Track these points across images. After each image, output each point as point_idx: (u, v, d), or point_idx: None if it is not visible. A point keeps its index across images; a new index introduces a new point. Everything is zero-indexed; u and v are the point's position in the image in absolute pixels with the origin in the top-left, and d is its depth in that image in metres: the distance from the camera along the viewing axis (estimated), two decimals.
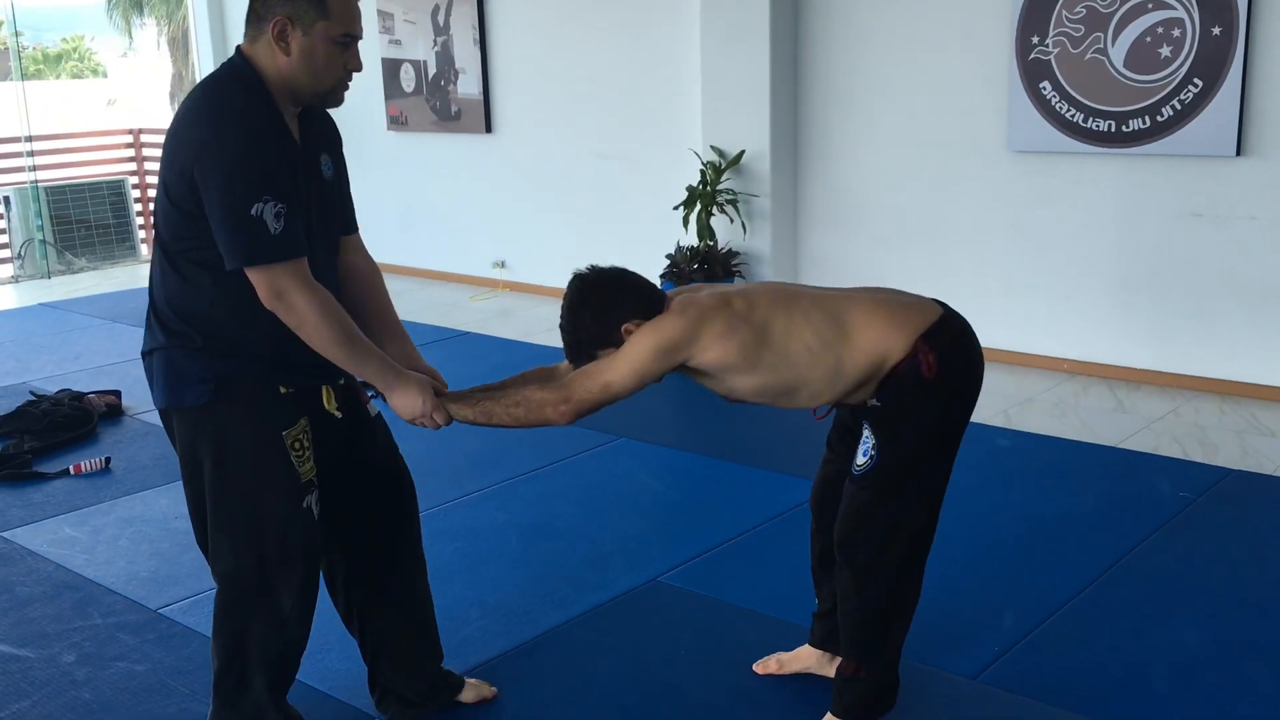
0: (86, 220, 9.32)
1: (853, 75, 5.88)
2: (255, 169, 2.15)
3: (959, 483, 4.17)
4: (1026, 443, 4.59)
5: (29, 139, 9.13)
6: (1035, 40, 5.28)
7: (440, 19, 7.50)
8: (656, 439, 4.70)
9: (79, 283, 8.56)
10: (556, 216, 7.31)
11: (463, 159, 7.75)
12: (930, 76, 5.66)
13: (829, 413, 2.66)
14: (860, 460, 2.49)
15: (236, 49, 2.28)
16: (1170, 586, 3.37)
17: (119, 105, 29.32)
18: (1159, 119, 5.02)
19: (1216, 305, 5.09)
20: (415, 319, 6.60)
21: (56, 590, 3.51)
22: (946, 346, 2.43)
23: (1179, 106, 4.95)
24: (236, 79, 2.24)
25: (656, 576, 3.49)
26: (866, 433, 2.48)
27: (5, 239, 9.19)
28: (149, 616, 3.32)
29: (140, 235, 9.80)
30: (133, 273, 8.95)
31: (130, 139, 10.14)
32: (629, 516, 3.96)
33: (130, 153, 10.08)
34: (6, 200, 9.06)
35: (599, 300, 2.46)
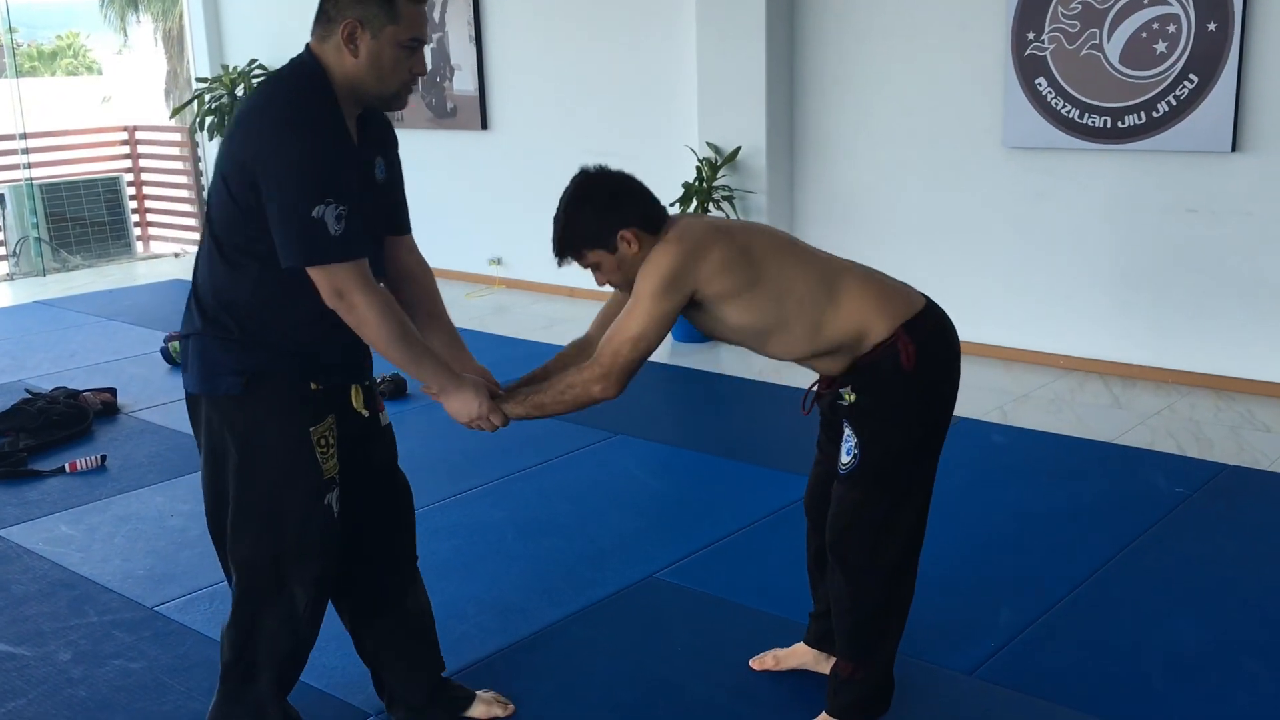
0: (82, 218, 9.31)
1: (848, 71, 5.88)
2: (319, 171, 2.16)
3: (955, 479, 4.20)
4: (1022, 439, 4.60)
5: (24, 136, 9.11)
6: (1031, 36, 5.28)
7: (435, 15, 7.49)
8: (653, 436, 4.70)
9: (74, 280, 8.54)
10: (552, 213, 7.30)
11: (459, 156, 7.74)
12: (926, 73, 5.66)
13: (813, 405, 2.65)
14: (844, 459, 2.48)
15: (305, 47, 2.29)
16: (1166, 582, 3.37)
17: (114, 102, 29.27)
18: (1154, 115, 5.02)
19: (1212, 301, 5.09)
20: None
21: (52, 588, 3.50)
22: (927, 338, 2.43)
23: (1174, 102, 4.96)
24: (305, 77, 2.24)
25: (653, 573, 3.49)
26: (848, 431, 2.48)
27: (0, 237, 9.17)
28: (145, 614, 3.32)
29: (135, 233, 9.79)
30: (128, 270, 8.94)
31: (125, 136, 10.12)
32: (625, 513, 3.96)
33: (125, 150, 10.06)
34: (1, 198, 9.05)
35: (602, 199, 2.44)
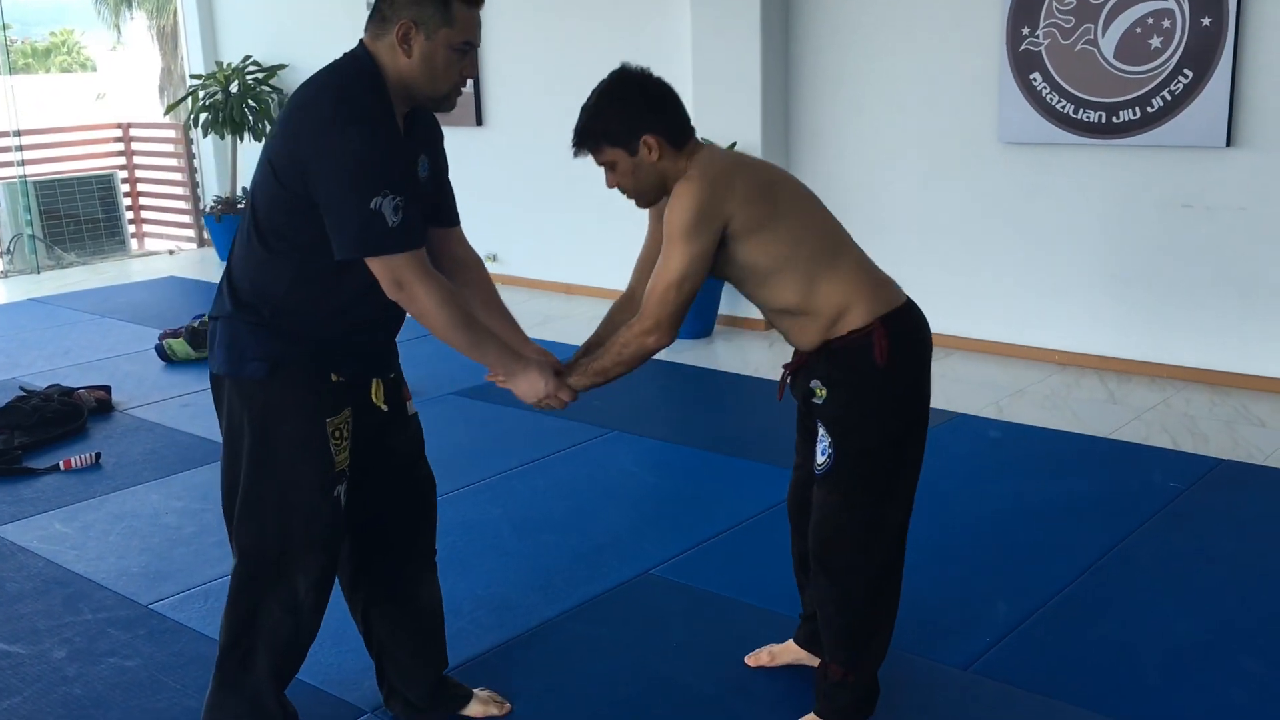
0: (76, 215, 9.29)
1: (844, 67, 5.88)
2: (375, 163, 2.18)
3: (951, 474, 4.21)
4: (1018, 434, 4.60)
5: (18, 133, 9.09)
6: (1025, 31, 5.28)
7: None
8: (648, 432, 4.70)
9: (68, 278, 8.53)
10: (548, 209, 7.30)
11: (454, 152, 7.61)
12: (921, 68, 5.66)
13: (785, 392, 2.65)
14: (819, 460, 2.48)
15: (360, 42, 2.32)
16: (1161, 576, 3.38)
17: (108, 99, 29.24)
18: (1149, 110, 5.02)
19: (1207, 296, 5.10)
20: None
21: (47, 586, 3.50)
22: (903, 335, 2.43)
23: (1169, 97, 4.96)
24: (361, 73, 2.27)
25: (649, 569, 3.49)
26: (822, 431, 2.48)
27: None
28: (140, 612, 3.31)
29: (130, 230, 9.77)
30: (122, 267, 8.93)
31: (119, 133, 10.10)
32: (621, 509, 3.96)
33: (120, 147, 10.04)
34: None
35: (636, 99, 2.41)
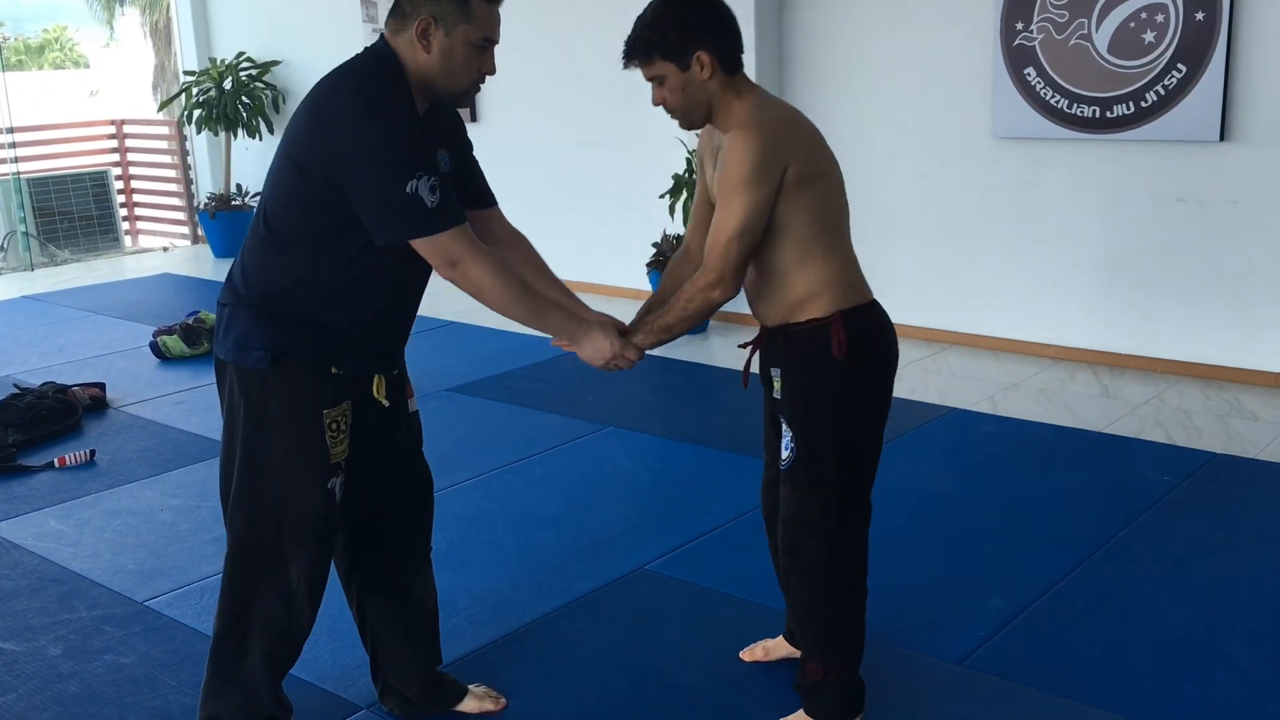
0: (69, 212, 9.26)
1: (837, 62, 5.88)
2: (406, 148, 2.21)
3: (945, 469, 4.21)
4: (1012, 428, 4.61)
5: (11, 130, 9.06)
6: (1019, 26, 5.29)
7: None
8: (643, 428, 4.71)
9: (62, 275, 8.51)
10: (542, 205, 7.29)
11: None
12: (915, 63, 5.66)
13: (748, 375, 2.67)
14: (784, 455, 2.49)
15: (380, 36, 2.33)
16: (1154, 570, 3.38)
17: (101, 96, 29.17)
18: (1143, 104, 5.03)
19: (1200, 290, 5.11)
20: None
21: (42, 583, 3.49)
22: (862, 332, 2.43)
23: (1163, 92, 4.97)
24: (382, 67, 2.29)
25: (643, 565, 3.49)
26: (785, 426, 2.49)
27: None
28: (135, 609, 3.31)
29: (124, 227, 9.75)
30: (116, 265, 8.91)
31: (113, 130, 10.07)
32: (616, 505, 3.96)
33: (113, 144, 10.01)
34: None
35: (693, 13, 2.39)
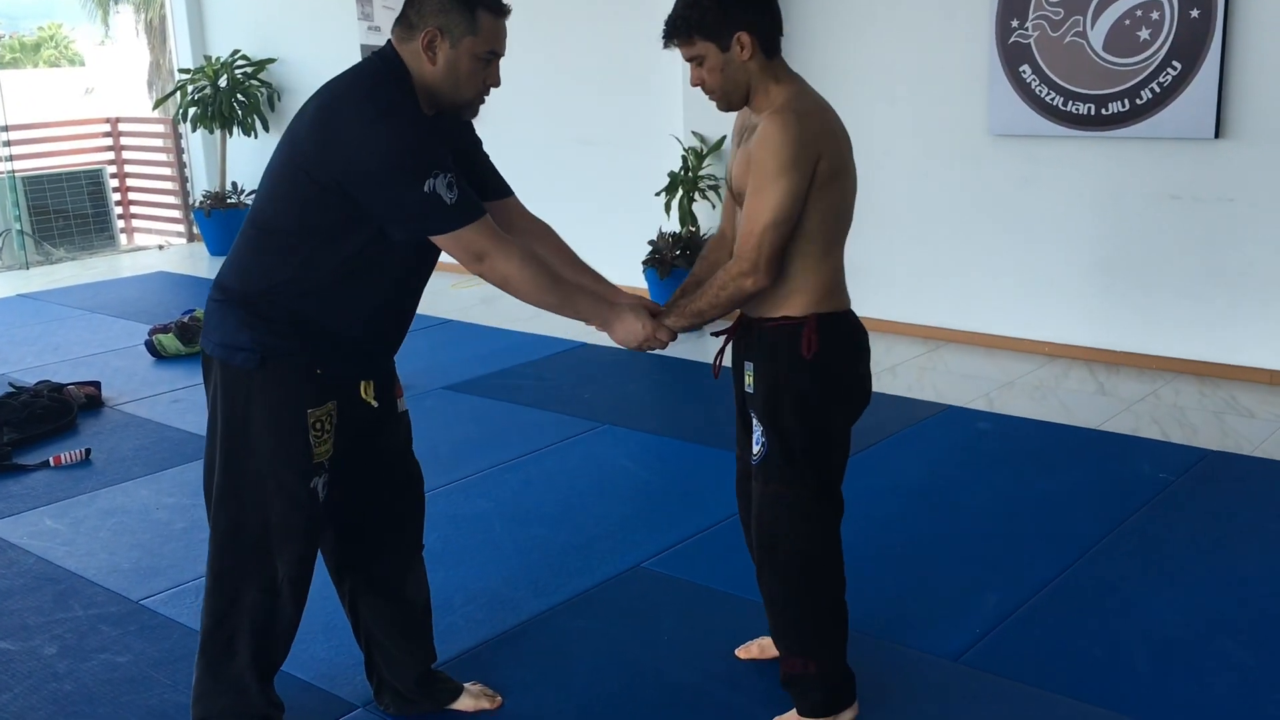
0: (64, 210, 9.25)
1: (833, 60, 5.88)
2: (419, 148, 2.22)
3: (941, 466, 4.22)
4: (1008, 426, 4.61)
5: (5, 128, 9.04)
6: (1015, 24, 5.29)
7: None
8: (640, 425, 4.70)
9: (57, 273, 8.50)
10: (538, 203, 7.20)
11: None
12: (911, 60, 5.66)
13: (719, 366, 2.66)
14: (754, 450, 2.50)
15: (388, 43, 2.34)
16: (1150, 567, 3.39)
17: (97, 94, 29.13)
18: (1138, 102, 5.03)
19: (1195, 287, 5.11)
20: None
21: (37, 582, 3.49)
22: (833, 335, 2.44)
23: (1158, 89, 4.97)
24: (389, 72, 2.30)
25: (640, 562, 3.49)
26: (755, 421, 2.50)
27: None
28: (130, 608, 3.31)
29: (119, 225, 9.73)
30: (112, 263, 8.90)
31: (108, 128, 10.05)
32: (612, 503, 3.96)
33: (109, 142, 9.99)
34: None
35: None
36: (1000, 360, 5.48)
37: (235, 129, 8.37)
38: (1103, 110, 5.13)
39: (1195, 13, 4.82)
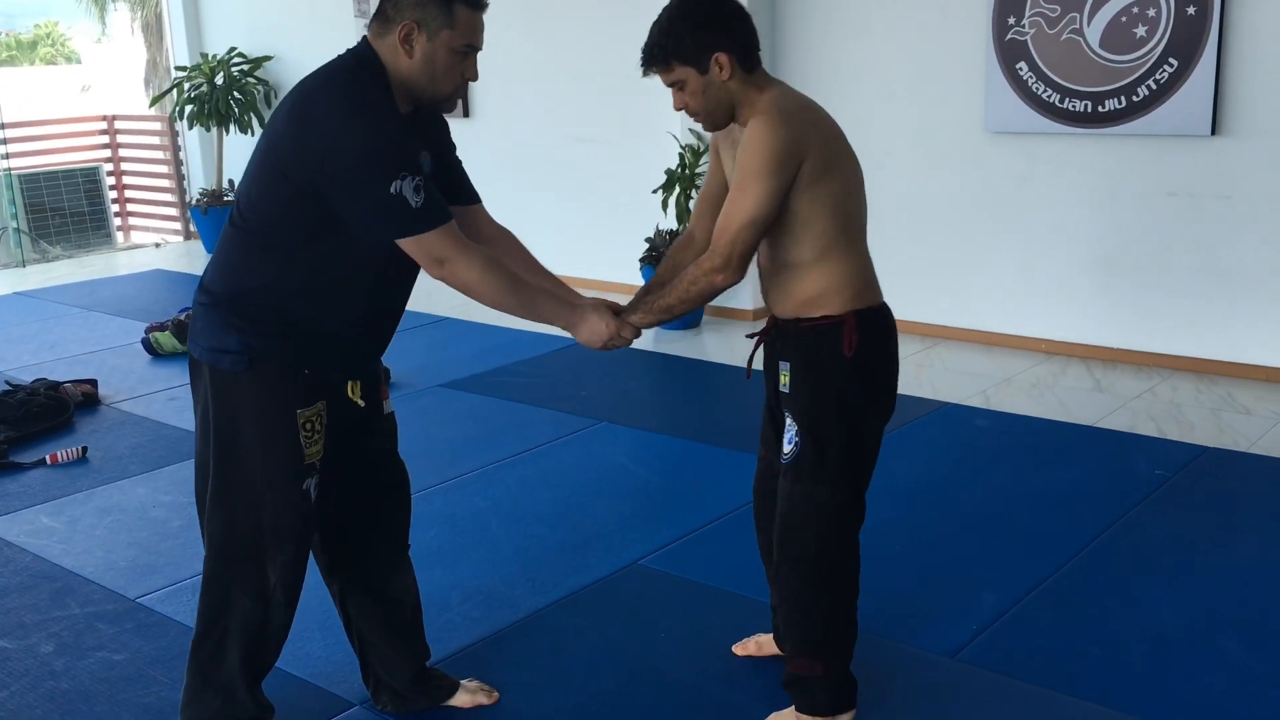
0: (61, 208, 9.24)
1: (830, 57, 5.88)
2: (388, 150, 2.20)
3: (938, 463, 4.22)
4: (1005, 423, 4.62)
5: (2, 126, 9.03)
6: (1011, 21, 5.29)
7: None
8: (636, 423, 4.70)
9: (54, 271, 8.49)
10: (535, 201, 7.28)
11: None
12: (907, 58, 5.66)
13: (751, 367, 2.64)
14: (786, 449, 2.49)
15: (363, 39, 2.32)
16: (1147, 564, 3.39)
17: (93, 91, 29.07)
18: (1134, 99, 5.03)
19: (1192, 284, 5.12)
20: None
21: (34, 580, 3.49)
22: (872, 332, 2.44)
23: (1154, 86, 4.97)
24: (364, 69, 2.28)
25: (636, 560, 3.50)
26: (789, 420, 2.49)
27: None
28: (127, 606, 3.31)
29: (115, 223, 9.72)
30: (108, 261, 8.89)
31: (105, 125, 10.04)
32: (609, 501, 3.96)
33: (105, 139, 9.99)
34: None
35: (708, 16, 2.39)
36: (997, 357, 5.48)
37: (232, 127, 8.36)
38: (1099, 107, 5.13)
39: (1191, 9, 4.83)
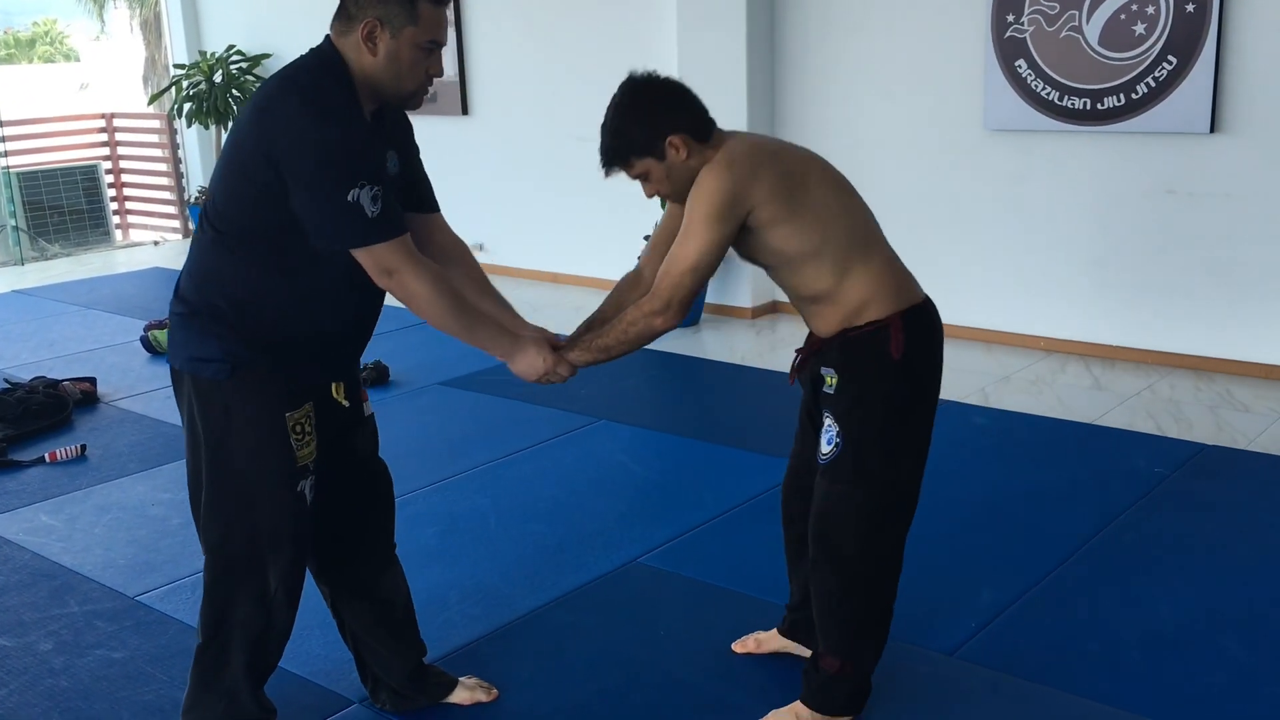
0: (60, 206, 9.24)
1: (829, 55, 5.88)
2: (349, 157, 2.17)
3: (936, 461, 4.18)
4: (1003, 420, 4.62)
5: (0, 124, 9.03)
6: (1010, 19, 5.29)
7: None
8: (635, 421, 4.71)
9: (52, 269, 8.49)
10: (534, 199, 7.29)
11: (439, 142, 7.69)
12: (906, 56, 5.66)
13: (797, 375, 2.65)
14: (825, 449, 2.47)
15: (326, 38, 2.30)
16: (1145, 561, 3.39)
17: (92, 89, 29.03)
18: (1133, 96, 5.03)
19: (1191, 281, 5.12)
20: (393, 303, 6.56)
21: (33, 578, 3.49)
22: (918, 331, 2.43)
23: (1153, 84, 4.97)
24: (327, 69, 2.25)
25: (635, 558, 3.50)
26: (829, 420, 2.47)
27: None
28: (126, 604, 3.31)
29: (114, 221, 9.72)
30: (107, 259, 8.89)
31: (103, 123, 10.04)
32: (608, 498, 3.96)
33: (103, 137, 9.98)
34: None
35: (649, 105, 2.40)
36: (996, 355, 5.48)
37: (230, 124, 8.36)
38: (1098, 105, 5.13)
39: (1191, 7, 4.83)
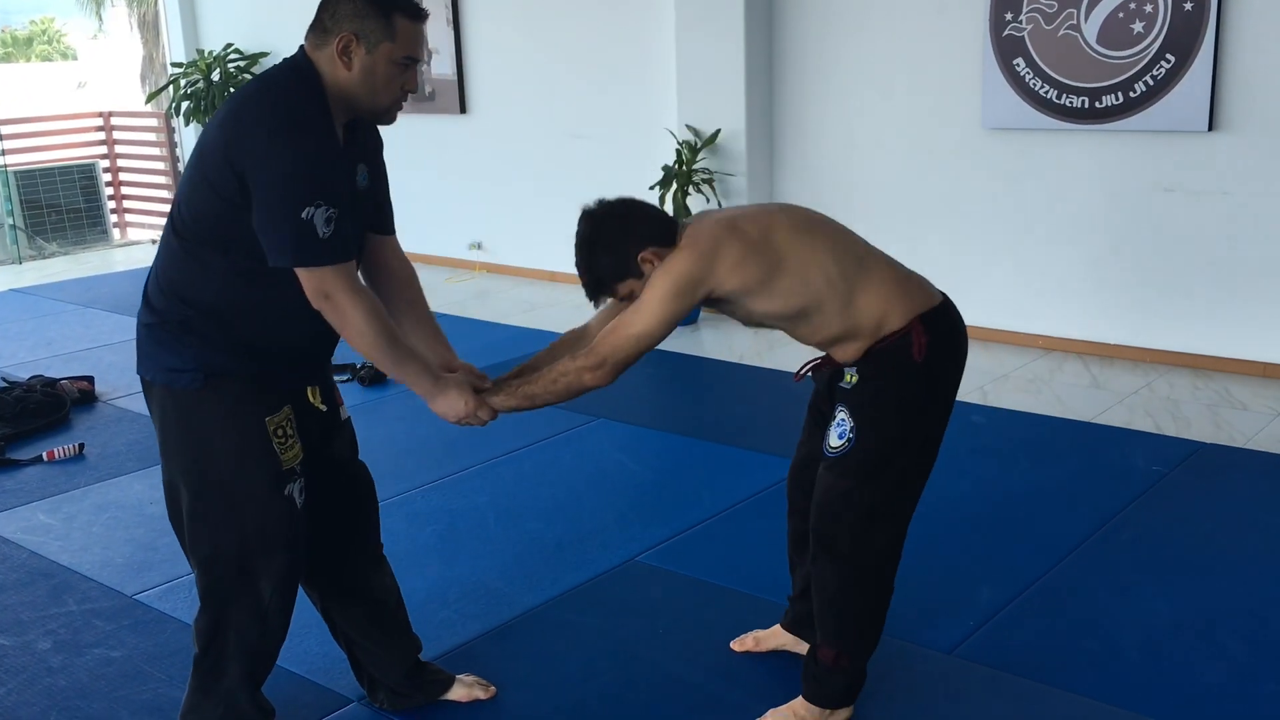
0: (57, 204, 9.23)
1: (828, 53, 5.87)
2: (311, 174, 2.16)
3: (936, 460, 4.21)
4: (1002, 419, 4.62)
5: None
6: (1009, 17, 5.29)
7: None
8: (634, 419, 4.71)
9: (50, 268, 8.48)
10: (532, 197, 7.29)
11: (437, 140, 7.70)
12: (905, 54, 5.66)
13: (806, 375, 2.64)
14: (835, 442, 2.46)
15: (300, 49, 2.28)
16: (1143, 560, 3.40)
17: (89, 88, 29.01)
18: (1132, 95, 5.03)
19: (1189, 280, 5.12)
20: None
21: (31, 577, 3.49)
22: (940, 333, 2.43)
23: (1151, 82, 4.97)
24: (300, 81, 2.23)
25: (634, 556, 3.50)
26: (843, 414, 2.45)
27: None
28: (125, 602, 3.31)
29: (112, 219, 9.71)
30: (104, 257, 8.88)
31: (101, 122, 10.03)
32: (607, 497, 3.96)
33: (101, 136, 9.97)
34: None
35: (612, 234, 2.44)
36: (995, 353, 5.49)
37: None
38: (1096, 103, 5.13)
39: (1189, 5, 4.83)
